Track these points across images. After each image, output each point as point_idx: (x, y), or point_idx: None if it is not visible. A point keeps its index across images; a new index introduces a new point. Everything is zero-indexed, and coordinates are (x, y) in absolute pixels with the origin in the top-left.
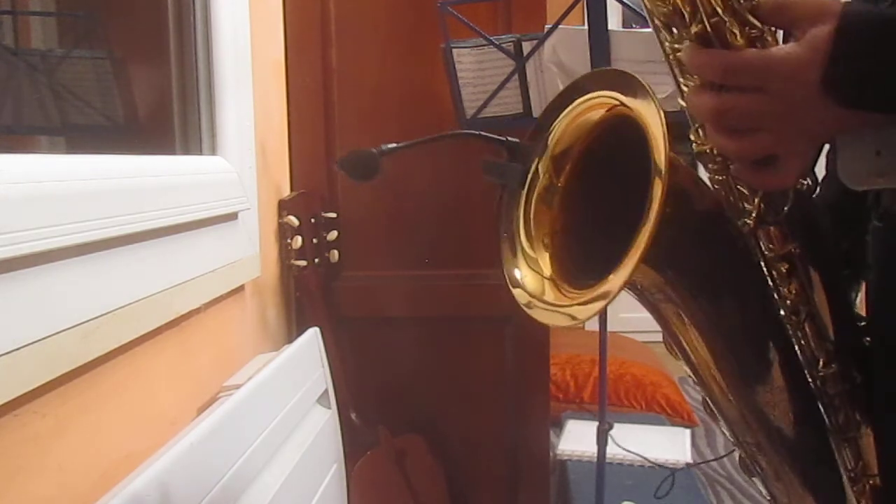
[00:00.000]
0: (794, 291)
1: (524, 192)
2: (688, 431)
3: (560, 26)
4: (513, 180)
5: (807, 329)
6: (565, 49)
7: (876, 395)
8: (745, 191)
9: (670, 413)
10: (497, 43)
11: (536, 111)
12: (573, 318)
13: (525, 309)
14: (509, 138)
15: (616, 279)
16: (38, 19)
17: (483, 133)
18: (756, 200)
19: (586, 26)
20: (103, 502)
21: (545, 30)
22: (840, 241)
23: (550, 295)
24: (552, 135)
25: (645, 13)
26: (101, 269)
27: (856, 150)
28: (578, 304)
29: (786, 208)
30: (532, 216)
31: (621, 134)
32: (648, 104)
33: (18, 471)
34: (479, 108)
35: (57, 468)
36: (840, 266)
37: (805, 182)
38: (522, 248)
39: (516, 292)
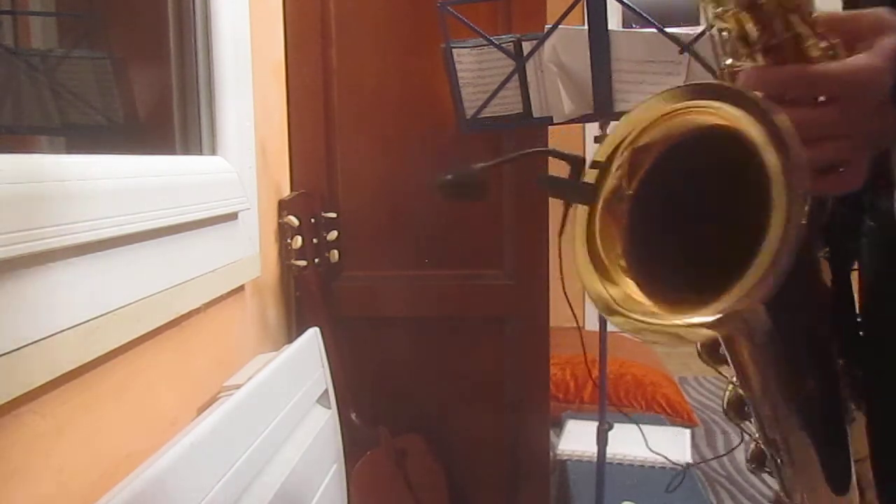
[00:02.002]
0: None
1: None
2: (688, 431)
3: (560, 26)
4: (582, 197)
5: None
6: (565, 49)
7: (865, 386)
8: None
9: (670, 413)
10: (497, 43)
11: (536, 111)
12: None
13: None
14: (574, 154)
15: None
16: (38, 19)
17: (556, 150)
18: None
19: (586, 26)
20: (103, 502)
21: (545, 30)
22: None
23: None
24: (631, 135)
25: (647, 16)
26: (101, 269)
27: None
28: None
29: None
30: (598, 231)
31: (719, 146)
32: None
33: (18, 471)
34: (479, 108)
35: (57, 468)
36: (848, 265)
37: None
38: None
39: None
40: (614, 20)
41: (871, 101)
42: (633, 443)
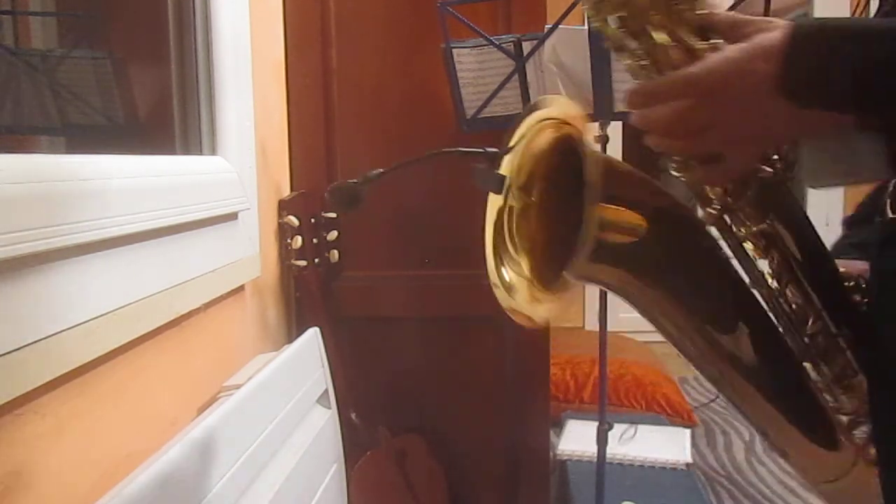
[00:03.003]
0: (776, 260)
1: (505, 202)
2: (688, 431)
3: (560, 26)
4: (494, 186)
5: (788, 293)
6: (565, 49)
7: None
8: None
9: (670, 413)
10: (497, 43)
11: None
12: (533, 319)
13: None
14: (489, 149)
15: (567, 278)
16: (38, 19)
17: (462, 149)
18: (718, 191)
19: (586, 26)
20: (103, 502)
21: (545, 30)
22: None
23: (525, 295)
24: (514, 162)
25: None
26: (102, 269)
27: (814, 151)
28: (545, 303)
29: (749, 193)
30: (514, 226)
31: (572, 151)
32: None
33: (18, 471)
34: (479, 108)
35: (57, 468)
36: (816, 238)
37: (771, 169)
38: (508, 252)
39: (498, 293)
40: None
41: (732, 95)
42: (632, 443)
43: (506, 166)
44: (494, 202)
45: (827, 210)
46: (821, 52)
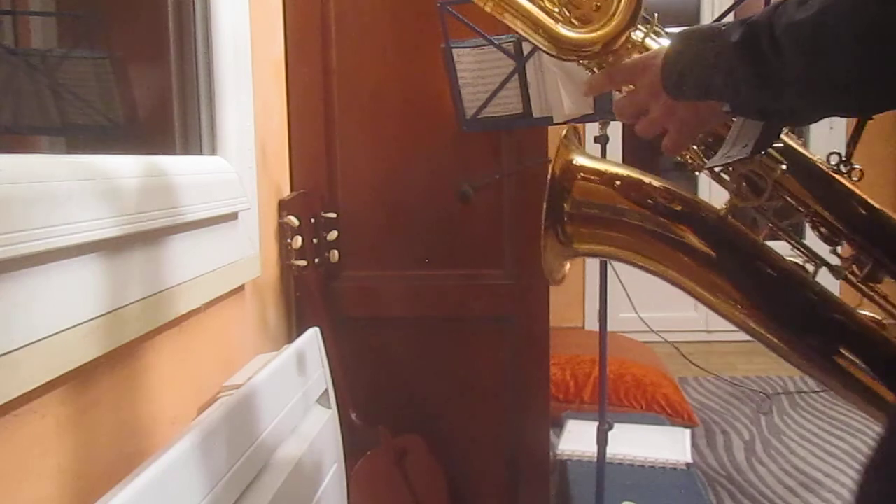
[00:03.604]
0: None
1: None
2: (688, 431)
3: None
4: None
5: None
6: None
7: None
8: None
9: (670, 413)
10: (497, 43)
11: (536, 111)
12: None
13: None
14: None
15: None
16: (38, 19)
17: None
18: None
19: None
20: (103, 502)
21: None
22: None
23: None
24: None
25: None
26: (101, 269)
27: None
28: None
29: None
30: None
31: None
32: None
33: (18, 471)
34: (479, 108)
35: (57, 468)
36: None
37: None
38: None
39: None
40: None
41: (651, 82)
42: (633, 443)
43: None
44: None
45: None
46: (681, 55)
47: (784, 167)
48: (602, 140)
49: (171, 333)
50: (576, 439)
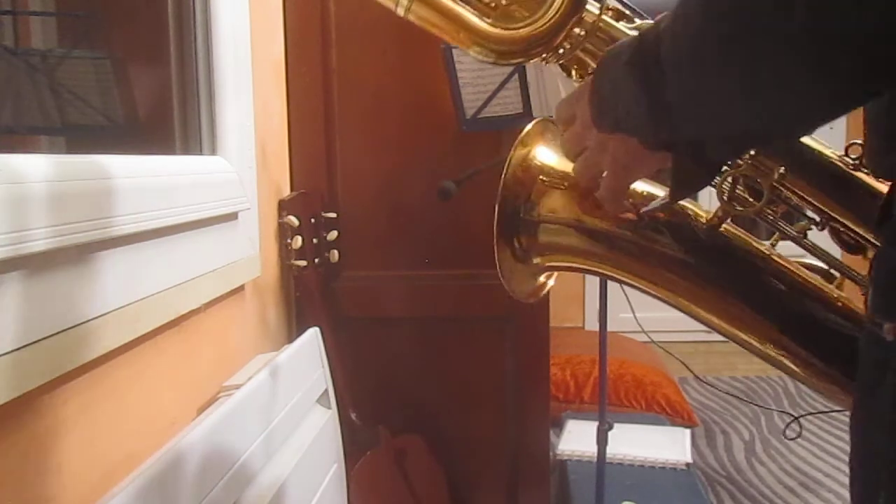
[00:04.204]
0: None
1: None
2: (688, 431)
3: None
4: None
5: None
6: None
7: None
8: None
9: (670, 413)
10: None
11: (536, 111)
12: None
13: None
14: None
15: None
16: (38, 19)
17: None
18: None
19: None
20: (103, 502)
21: None
22: None
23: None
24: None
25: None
26: (101, 269)
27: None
28: None
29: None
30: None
31: None
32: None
33: (18, 471)
34: (479, 108)
35: (57, 468)
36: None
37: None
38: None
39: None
40: None
41: (583, 110)
42: (633, 443)
43: None
44: None
45: None
46: (603, 73)
47: (783, 170)
48: None
49: (171, 333)
50: (576, 439)
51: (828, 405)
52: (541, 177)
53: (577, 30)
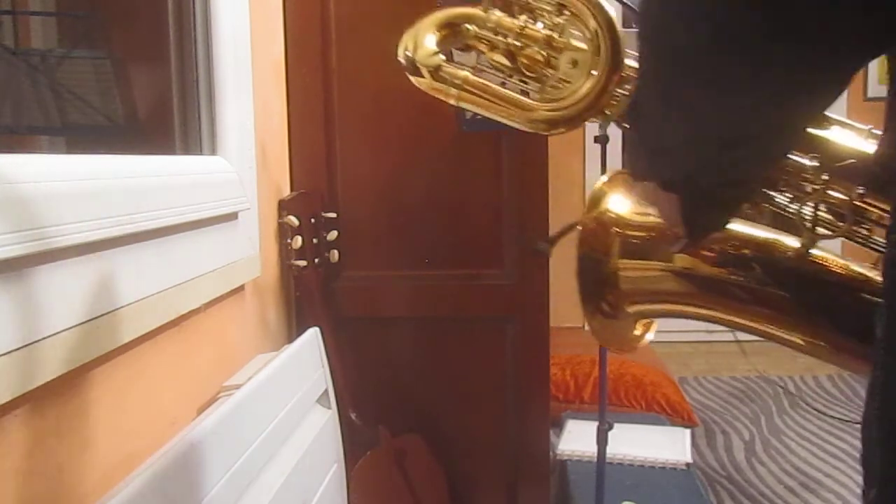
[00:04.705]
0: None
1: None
2: (688, 431)
3: None
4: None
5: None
6: None
7: None
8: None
9: (670, 413)
10: None
11: None
12: None
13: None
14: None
15: None
16: (38, 19)
17: None
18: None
19: None
20: (103, 502)
21: None
22: None
23: None
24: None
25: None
26: (101, 269)
27: None
28: None
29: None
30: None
31: None
32: None
33: (18, 471)
34: None
35: (57, 468)
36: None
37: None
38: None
39: None
40: None
41: None
42: (633, 443)
43: None
44: None
45: None
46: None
47: (861, 189)
48: (602, 140)
49: (170, 333)
50: (576, 439)
51: (828, 406)
52: (615, 228)
53: (619, 90)
